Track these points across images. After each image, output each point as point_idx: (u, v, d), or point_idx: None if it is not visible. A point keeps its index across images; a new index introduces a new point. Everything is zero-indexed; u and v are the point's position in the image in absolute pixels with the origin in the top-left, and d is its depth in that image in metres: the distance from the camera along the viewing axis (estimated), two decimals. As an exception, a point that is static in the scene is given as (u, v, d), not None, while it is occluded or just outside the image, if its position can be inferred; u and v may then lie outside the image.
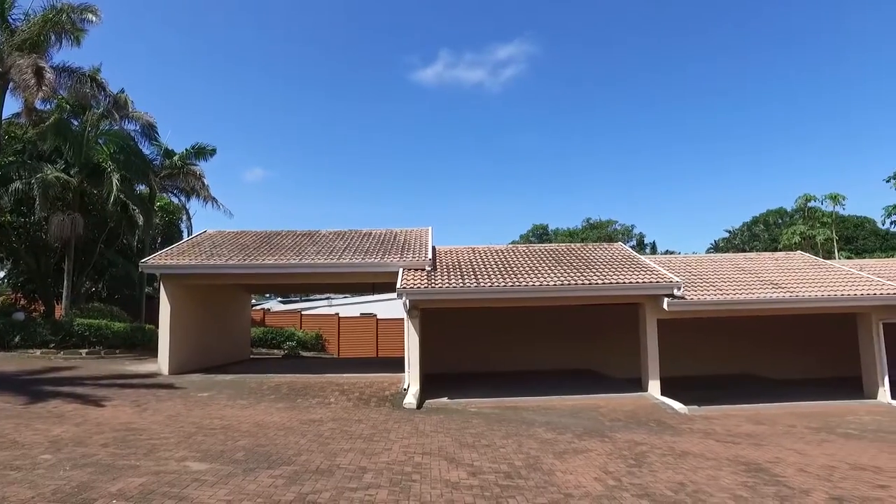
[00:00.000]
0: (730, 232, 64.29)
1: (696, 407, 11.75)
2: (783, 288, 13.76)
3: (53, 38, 17.97)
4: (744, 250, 52.06)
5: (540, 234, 68.32)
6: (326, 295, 34.26)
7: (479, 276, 13.23)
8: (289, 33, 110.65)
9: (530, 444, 7.75)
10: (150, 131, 22.78)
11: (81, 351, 15.99)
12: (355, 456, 6.53)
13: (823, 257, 25.40)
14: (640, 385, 13.41)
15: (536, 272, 13.53)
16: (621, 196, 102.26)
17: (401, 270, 13.47)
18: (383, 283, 15.66)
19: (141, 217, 20.57)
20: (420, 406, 10.98)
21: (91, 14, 17.71)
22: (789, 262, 16.92)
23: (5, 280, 24.21)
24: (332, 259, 14.30)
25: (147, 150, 22.76)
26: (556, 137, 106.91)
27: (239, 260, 14.22)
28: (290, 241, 16.17)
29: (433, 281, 12.98)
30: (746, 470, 6.68)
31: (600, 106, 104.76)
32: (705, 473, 6.43)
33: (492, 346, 17.25)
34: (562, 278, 13.03)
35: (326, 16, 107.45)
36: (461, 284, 12.69)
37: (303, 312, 29.57)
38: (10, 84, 17.14)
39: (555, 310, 15.58)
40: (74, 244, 18.60)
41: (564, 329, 17.19)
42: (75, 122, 20.19)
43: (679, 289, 12.80)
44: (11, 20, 17.86)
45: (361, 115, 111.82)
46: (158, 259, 14.69)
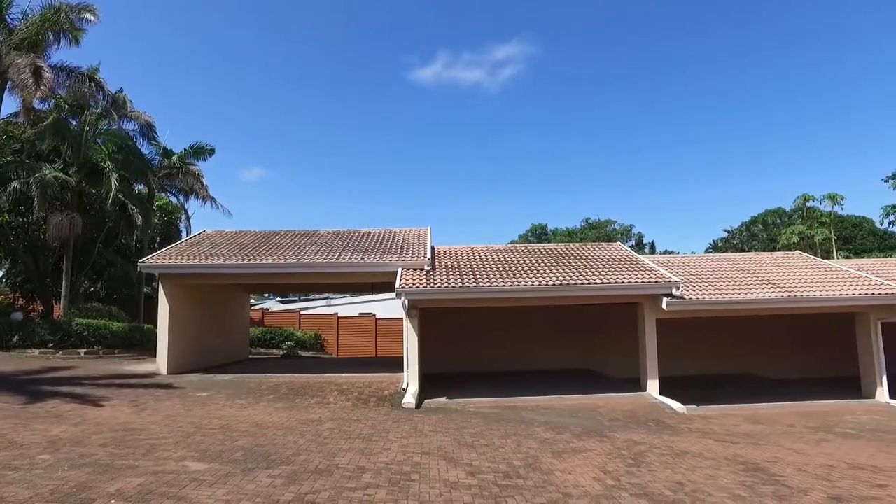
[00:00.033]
0: (728, 232, 64.35)
1: (694, 406, 11.77)
2: (782, 288, 13.79)
3: (52, 38, 17.90)
4: (742, 250, 52.07)
5: (539, 234, 68.33)
6: (325, 295, 34.29)
7: (478, 276, 13.24)
8: (288, 33, 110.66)
9: (529, 443, 7.75)
10: (148, 131, 22.78)
11: (80, 351, 15.97)
12: (354, 456, 6.54)
13: (822, 257, 25.40)
14: (638, 385, 13.42)
15: (535, 272, 13.53)
16: (620, 196, 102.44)
17: (400, 270, 13.47)
18: (382, 283, 15.68)
19: (139, 217, 20.54)
20: (419, 406, 10.99)
21: (90, 13, 17.65)
22: (788, 262, 16.94)
23: (3, 280, 24.19)
24: (331, 259, 14.30)
25: (146, 149, 22.78)
26: (555, 137, 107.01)
27: (238, 260, 14.21)
28: (288, 241, 16.16)
29: (432, 281, 12.98)
30: (745, 469, 6.69)
31: (600, 106, 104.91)
32: (704, 473, 6.44)
33: (491, 345, 17.23)
34: (561, 278, 13.04)
35: (326, 16, 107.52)
36: (460, 284, 12.69)
37: (302, 312, 29.58)
38: (9, 83, 17.08)
39: (554, 309, 15.60)
40: (73, 244, 18.56)
41: (563, 329, 17.19)
42: (74, 122, 20.16)
43: (678, 288, 12.81)
44: (10, 19, 17.83)
45: (361, 114, 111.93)
46: (157, 259, 14.69)
